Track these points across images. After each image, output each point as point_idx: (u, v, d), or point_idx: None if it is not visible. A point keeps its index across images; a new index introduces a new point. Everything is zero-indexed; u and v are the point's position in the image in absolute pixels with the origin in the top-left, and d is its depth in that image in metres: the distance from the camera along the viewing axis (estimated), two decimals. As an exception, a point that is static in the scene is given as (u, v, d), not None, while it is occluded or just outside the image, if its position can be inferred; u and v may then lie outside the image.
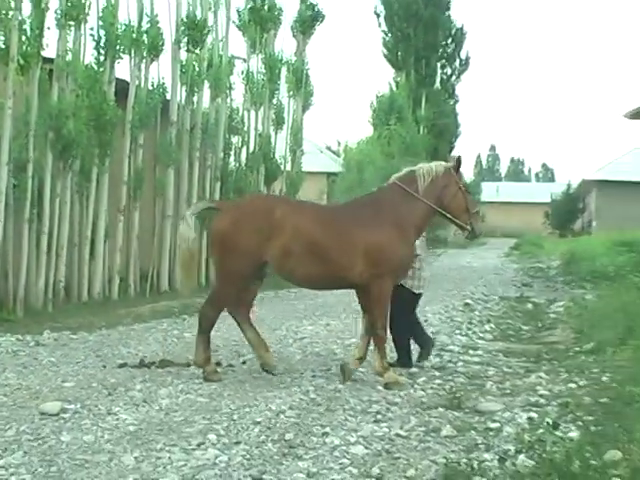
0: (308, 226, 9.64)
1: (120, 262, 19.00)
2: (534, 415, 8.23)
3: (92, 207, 17.91)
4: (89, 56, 18.01)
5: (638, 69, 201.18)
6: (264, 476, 6.45)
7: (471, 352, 12.43)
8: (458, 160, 10.56)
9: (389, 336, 10.46)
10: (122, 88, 18.99)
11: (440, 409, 8.64)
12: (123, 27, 18.86)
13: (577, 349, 12.36)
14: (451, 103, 58.70)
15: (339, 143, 66.27)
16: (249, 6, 24.99)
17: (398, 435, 7.62)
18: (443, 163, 10.61)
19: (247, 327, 10.38)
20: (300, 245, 9.51)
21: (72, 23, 17.18)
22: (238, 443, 7.26)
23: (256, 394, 9.16)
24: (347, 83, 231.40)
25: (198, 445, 7.16)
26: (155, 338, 13.32)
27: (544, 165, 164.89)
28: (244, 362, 11.15)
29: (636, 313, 13.15)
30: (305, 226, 9.63)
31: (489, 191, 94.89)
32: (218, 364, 10.83)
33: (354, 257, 9.61)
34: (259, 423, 7.90)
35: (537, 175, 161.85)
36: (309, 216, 9.86)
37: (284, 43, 30.64)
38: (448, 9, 56.86)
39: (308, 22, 27.55)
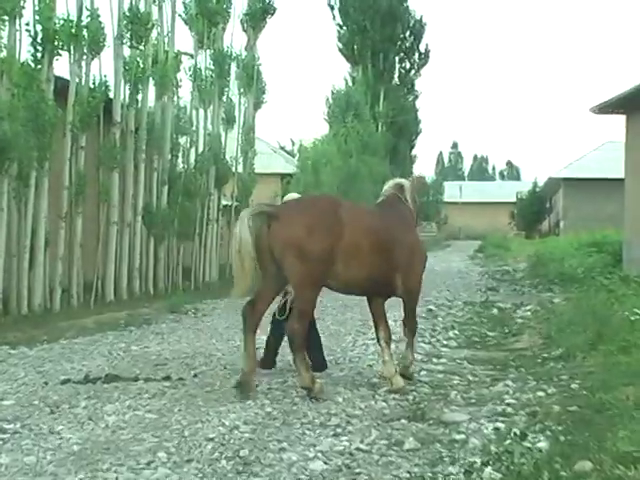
0: (369, 225, 9.99)
1: (62, 272, 18.87)
2: (501, 425, 8.28)
3: (31, 214, 17.74)
4: (25, 53, 17.89)
5: (604, 62, 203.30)
6: (218, 495, 6.45)
7: (435, 360, 12.48)
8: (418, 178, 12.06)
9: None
10: (61, 87, 18.86)
11: (403, 421, 8.67)
12: (61, 22, 18.68)
13: (545, 355, 12.46)
14: (410, 99, 59.04)
15: (293, 142, 66.58)
16: (196, -2, 24.98)
17: (359, 449, 7.63)
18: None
19: (251, 339, 9.94)
20: (364, 244, 9.80)
21: (6, 17, 17.03)
22: (190, 461, 7.24)
23: (208, 409, 9.13)
24: (301, 79, 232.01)
25: (147, 464, 7.13)
26: (100, 352, 13.23)
27: (509, 163, 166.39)
28: (195, 375, 11.09)
29: (606, 317, 13.30)
30: (367, 225, 9.96)
31: (452, 191, 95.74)
32: (168, 378, 10.80)
33: (400, 257, 10.26)
34: (212, 439, 7.88)
35: (502, 173, 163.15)
36: (366, 215, 10.32)
37: (234, 37, 30.65)
38: (406, 0, 57.14)
39: (259, 15, 27.64)
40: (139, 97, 22.15)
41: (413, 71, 58.38)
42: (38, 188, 17.93)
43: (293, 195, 12.14)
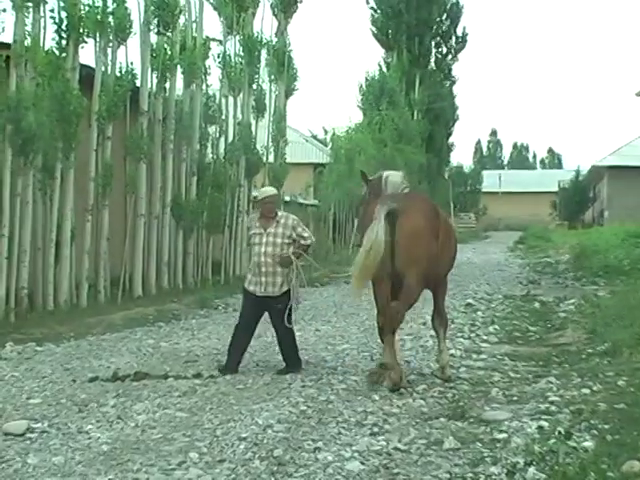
0: (446, 220, 11.30)
1: (88, 266, 18.90)
2: (544, 424, 8.23)
3: (56, 207, 17.77)
4: (50, 41, 17.92)
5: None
6: (251, 497, 6.46)
7: (474, 356, 12.47)
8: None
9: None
10: (87, 75, 18.89)
11: (442, 419, 8.66)
12: (87, 8, 18.71)
13: (590, 351, 12.38)
14: (447, 85, 58.89)
15: (326, 131, 66.38)
16: (224, -17, 24.95)
17: (397, 449, 7.62)
18: None
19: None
20: (449, 237, 10.94)
21: (30, 4, 17.05)
22: (222, 461, 7.26)
23: (241, 407, 9.16)
24: (334, 66, 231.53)
25: (179, 464, 7.16)
26: (129, 348, 13.31)
27: (550, 150, 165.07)
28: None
29: (654, 311, 13.20)
30: (446, 220, 11.26)
31: (491, 180, 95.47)
32: (198, 375, 10.85)
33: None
34: (245, 439, 7.90)
35: (543, 161, 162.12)
36: (441, 210, 11.24)
37: (264, 23, 30.48)
38: (442, -18, 56.88)
39: (290, -1, 27.57)
40: (167, 85, 22.16)
41: (450, 56, 58.19)
42: (64, 180, 17.98)
43: (268, 189, 12.35)
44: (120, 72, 20.07)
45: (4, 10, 16.22)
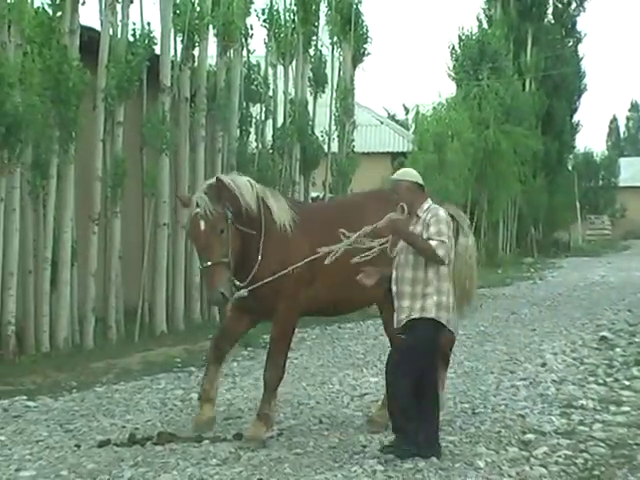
0: None
1: (95, 294, 18.97)
2: None
3: (52, 215, 17.78)
4: (40, -4, 18.06)
5: None
6: None
7: (613, 409, 12.35)
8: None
9: None
10: (90, 41, 18.96)
11: (570, 494, 8.61)
12: (88, -48, 18.90)
13: None
14: (570, 44, 58.44)
15: (407, 110, 66.54)
16: None
17: (509, 535, 7.60)
18: None
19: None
20: None
21: (14, -50, 17.24)
22: None
23: (299, 478, 9.14)
24: (416, 22, 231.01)
25: None
26: (150, 402, 13.36)
27: None
28: (281, 433, 11.10)
29: None
30: None
31: (632, 171, 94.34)
32: (239, 435, 10.80)
33: None
34: (306, 521, 7.92)
35: None
36: None
37: (323, -34, 30.23)
38: None
39: None
40: (195, 52, 22.23)
41: (574, 4, 57.80)
42: (61, 180, 17.98)
43: (399, 171, 10.87)
44: (134, 36, 20.11)
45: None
